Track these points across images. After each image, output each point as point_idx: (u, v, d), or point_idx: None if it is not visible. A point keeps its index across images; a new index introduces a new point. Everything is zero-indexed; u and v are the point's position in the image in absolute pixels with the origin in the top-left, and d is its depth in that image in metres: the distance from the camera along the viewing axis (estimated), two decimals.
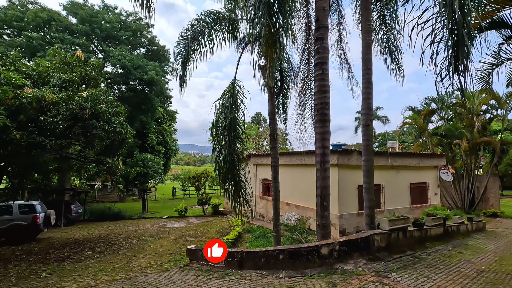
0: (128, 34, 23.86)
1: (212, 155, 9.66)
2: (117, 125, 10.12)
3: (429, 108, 19.43)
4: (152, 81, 21.93)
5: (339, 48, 11.39)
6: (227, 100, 9.49)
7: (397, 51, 10.73)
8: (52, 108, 9.00)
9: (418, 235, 8.09)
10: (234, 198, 9.40)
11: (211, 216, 19.92)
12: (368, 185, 8.50)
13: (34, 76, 9.92)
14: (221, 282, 6.14)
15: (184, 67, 10.58)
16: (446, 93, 15.04)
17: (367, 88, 8.82)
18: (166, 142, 33.95)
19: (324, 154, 7.48)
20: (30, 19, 20.54)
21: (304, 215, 13.76)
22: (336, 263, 5.92)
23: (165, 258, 9.52)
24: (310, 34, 9.74)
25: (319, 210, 7.35)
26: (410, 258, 6.65)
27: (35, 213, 12.40)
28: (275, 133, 10.36)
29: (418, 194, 15.12)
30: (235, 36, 11.17)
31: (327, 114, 7.58)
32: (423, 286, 4.98)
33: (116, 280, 7.17)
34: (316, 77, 7.80)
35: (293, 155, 15.12)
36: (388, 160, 13.68)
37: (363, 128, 8.84)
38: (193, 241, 12.39)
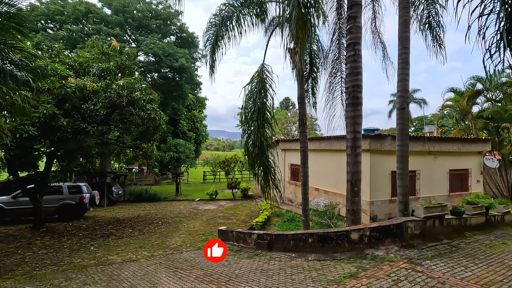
0: (158, 22, 24.41)
1: (241, 141, 9.80)
2: (151, 111, 10.59)
3: (474, 89, 17.83)
4: (183, 68, 22.43)
5: (372, 27, 10.74)
6: (255, 85, 9.46)
7: (439, 27, 9.89)
8: (92, 96, 9.63)
9: (456, 223, 7.69)
10: (263, 182, 9.54)
11: (240, 200, 20.44)
12: (402, 171, 8.17)
13: (76, 67, 10.62)
14: (252, 262, 6.38)
15: (213, 54, 10.64)
16: (495, 72, 13.72)
17: (404, 69, 8.32)
18: (197, 128, 34.95)
19: (356, 139, 7.28)
20: (70, 12, 21.75)
21: (334, 200, 13.63)
22: (366, 249, 5.86)
23: (198, 238, 10.04)
24: (342, 13, 9.27)
25: (349, 195, 7.25)
26: (446, 247, 6.37)
27: (82, 194, 13.60)
28: (304, 118, 10.21)
29: (458, 182, 14.22)
30: (264, 19, 10.97)
31: (359, 97, 7.30)
32: (460, 275, 4.78)
33: (155, 256, 7.75)
34: (347, 58, 7.49)
35: (322, 140, 14.86)
36: (425, 145, 12.94)
37: (398, 112, 8.42)
38: (223, 222, 12.88)
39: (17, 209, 12.57)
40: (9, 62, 4.26)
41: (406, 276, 4.63)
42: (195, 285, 5.14)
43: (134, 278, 5.79)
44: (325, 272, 5.14)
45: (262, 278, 5.23)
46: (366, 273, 4.83)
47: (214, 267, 6.19)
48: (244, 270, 5.80)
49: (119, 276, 5.96)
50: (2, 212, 12.40)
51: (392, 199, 12.25)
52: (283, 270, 5.55)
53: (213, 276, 5.54)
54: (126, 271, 6.29)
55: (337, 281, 4.61)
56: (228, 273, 5.65)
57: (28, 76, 4.75)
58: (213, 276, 5.54)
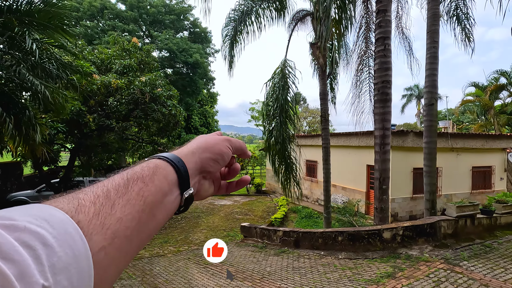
0: (172, 17, 24.39)
1: (263, 136, 9.76)
2: (172, 108, 10.64)
3: (497, 83, 17.25)
4: (197, 63, 22.42)
5: (397, 21, 10.47)
6: (278, 81, 9.38)
7: (467, 19, 9.56)
8: (115, 93, 9.72)
9: (487, 223, 7.51)
10: (284, 179, 9.51)
11: (254, 195, 20.49)
12: (430, 168, 8.02)
13: (98, 63, 10.72)
14: (280, 259, 6.39)
15: (232, 49, 10.56)
16: None
17: (432, 64, 8.11)
18: (208, 123, 35.05)
19: (384, 136, 7.15)
20: (85, 9, 21.93)
21: (352, 197, 13.51)
22: (399, 248, 5.78)
23: (220, 234, 10.11)
24: (369, 6, 9.04)
25: (377, 193, 7.15)
26: (480, 247, 6.23)
27: None
28: (326, 114, 10.09)
29: (480, 179, 13.89)
30: (283, 13, 10.80)
31: (389, 93, 7.15)
32: (502, 277, 4.67)
33: (181, 251, 7.84)
34: (377, 53, 7.31)
35: (340, 136, 14.69)
36: (448, 141, 12.63)
37: (426, 108, 8.24)
38: (242, 218, 12.94)
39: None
40: (49, 60, 4.31)
41: (447, 277, 4.55)
42: (230, 281, 5.18)
43: (167, 273, 5.87)
44: (360, 271, 5.10)
45: (295, 276, 5.23)
46: (404, 273, 4.76)
47: (244, 264, 6.22)
48: (275, 268, 5.81)
49: (152, 271, 6.06)
50: None
51: (413, 197, 12.07)
52: (315, 268, 5.53)
53: (246, 273, 5.57)
54: (157, 266, 6.39)
55: (375, 281, 4.56)
56: (260, 270, 5.67)
57: (64, 73, 4.81)
58: (246, 273, 5.57)
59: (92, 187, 0.36)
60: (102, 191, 0.35)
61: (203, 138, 0.55)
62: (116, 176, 0.39)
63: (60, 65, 4.63)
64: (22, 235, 0.24)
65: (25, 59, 4.03)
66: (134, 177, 0.39)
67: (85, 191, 0.35)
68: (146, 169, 0.41)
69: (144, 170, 0.41)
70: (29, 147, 4.50)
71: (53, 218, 0.27)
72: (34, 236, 0.25)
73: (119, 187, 0.37)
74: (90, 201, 0.33)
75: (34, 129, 4.13)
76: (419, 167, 10.46)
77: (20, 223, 0.25)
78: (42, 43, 4.22)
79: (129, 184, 0.38)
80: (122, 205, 0.35)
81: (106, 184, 0.37)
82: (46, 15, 3.70)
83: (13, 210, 0.27)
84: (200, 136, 0.57)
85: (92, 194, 0.34)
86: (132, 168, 0.41)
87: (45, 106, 4.47)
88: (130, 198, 0.36)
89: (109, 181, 0.38)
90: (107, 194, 0.35)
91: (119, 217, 0.34)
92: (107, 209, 0.34)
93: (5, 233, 0.23)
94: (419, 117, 38.21)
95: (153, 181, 0.41)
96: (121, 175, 0.39)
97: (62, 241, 0.26)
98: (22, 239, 0.24)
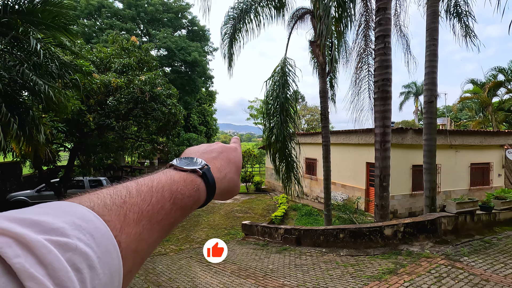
0: (170, 15, 24.29)
1: (263, 135, 9.79)
2: (172, 107, 10.63)
3: (496, 80, 17.35)
4: (195, 62, 22.38)
5: (395, 19, 10.49)
6: (278, 80, 9.40)
7: (467, 16, 9.60)
8: (115, 92, 9.69)
9: (486, 219, 7.59)
10: (285, 177, 9.55)
11: (254, 193, 20.54)
12: (430, 165, 8.07)
13: (97, 62, 10.67)
14: (282, 257, 6.43)
15: (231, 47, 10.55)
16: None
17: (432, 61, 8.14)
18: (207, 122, 35.03)
19: (385, 133, 7.20)
20: (83, 7, 21.79)
21: (352, 194, 13.58)
22: (400, 244, 5.84)
23: (221, 232, 10.15)
24: (368, 4, 9.06)
25: (378, 190, 7.21)
26: (479, 243, 6.30)
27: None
28: (326, 112, 10.12)
29: (478, 175, 13.99)
30: (282, 11, 10.80)
31: (389, 91, 7.19)
32: (502, 272, 4.73)
33: (183, 250, 7.87)
34: (376, 51, 7.34)
35: (340, 134, 14.74)
36: (446, 138, 12.72)
37: (425, 105, 8.28)
38: (242, 216, 12.98)
39: (41, 203, 12.88)
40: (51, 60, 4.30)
41: (448, 273, 4.60)
42: (233, 279, 5.22)
43: (170, 271, 5.90)
44: (362, 268, 5.15)
45: (298, 273, 5.27)
46: (406, 269, 4.82)
47: (247, 261, 6.26)
48: (277, 265, 5.85)
49: (155, 269, 6.09)
50: (27, 206, 12.72)
51: (413, 193, 12.16)
52: (317, 265, 5.58)
53: (248, 270, 5.61)
54: (159, 265, 6.42)
55: (377, 277, 4.61)
56: (263, 268, 5.71)
57: (67, 73, 4.80)
58: (248, 270, 5.61)
59: (140, 198, 0.35)
60: (148, 212, 0.34)
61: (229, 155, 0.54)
62: (158, 194, 0.37)
63: (62, 65, 4.62)
64: (73, 257, 0.25)
65: (28, 59, 4.03)
66: (176, 205, 0.38)
67: (132, 203, 0.34)
68: (188, 196, 0.40)
69: (185, 197, 0.40)
70: (32, 147, 4.51)
71: (97, 232, 0.28)
72: (83, 257, 0.25)
73: (162, 210, 0.36)
74: (135, 221, 0.33)
75: (38, 129, 4.14)
76: (418, 164, 10.54)
77: (72, 242, 0.25)
78: (45, 43, 4.21)
79: (171, 212, 0.37)
80: (158, 232, 0.35)
81: (152, 201, 0.36)
82: (49, 14, 3.70)
83: (62, 214, 0.27)
84: (223, 150, 0.55)
85: (138, 211, 0.33)
86: (173, 187, 0.39)
87: (48, 106, 4.47)
88: (164, 225, 0.36)
89: (155, 197, 0.36)
90: (151, 217, 0.35)
91: (151, 242, 0.34)
92: (145, 234, 0.33)
93: (60, 255, 0.24)
94: (417, 115, 38.37)
95: (191, 209, 0.41)
96: (163, 195, 0.37)
97: (104, 262, 0.27)
98: (73, 261, 0.24)
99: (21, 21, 3.65)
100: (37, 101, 4.32)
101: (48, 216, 0.27)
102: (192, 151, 0.52)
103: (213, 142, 0.59)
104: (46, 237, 0.24)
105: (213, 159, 0.50)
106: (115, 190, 0.34)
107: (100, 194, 0.33)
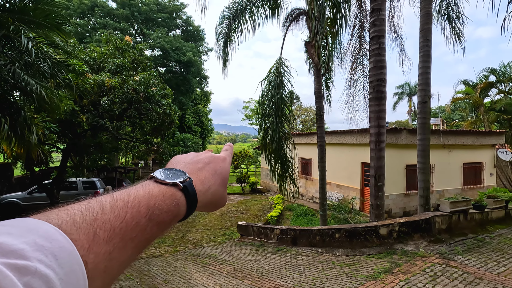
0: (164, 15, 24.14)
1: (259, 136, 9.78)
2: (167, 107, 10.55)
3: (487, 81, 17.61)
4: (190, 62, 22.27)
5: (389, 19, 10.58)
6: (273, 80, 9.40)
7: (458, 18, 9.74)
8: (109, 92, 9.58)
9: (479, 218, 7.70)
10: (280, 177, 9.55)
11: (249, 194, 20.51)
12: (424, 165, 8.16)
13: (91, 62, 10.54)
14: (278, 257, 6.42)
15: (226, 47, 10.53)
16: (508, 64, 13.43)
17: (425, 62, 8.23)
18: (202, 122, 34.89)
19: (380, 133, 7.25)
20: (76, 6, 21.52)
21: (347, 194, 13.65)
22: (395, 244, 5.88)
23: (217, 233, 10.10)
24: (363, 5, 9.12)
25: (373, 190, 7.25)
26: (473, 241, 6.38)
27: (96, 189, 13.68)
28: (321, 112, 10.16)
29: (471, 175, 14.19)
30: (276, 11, 10.80)
31: (384, 91, 7.25)
32: (495, 270, 4.79)
33: (178, 251, 7.81)
34: (371, 52, 7.40)
35: (335, 134, 14.80)
36: (440, 138, 12.87)
37: (419, 105, 8.37)
38: (238, 217, 12.94)
39: (33, 205, 12.67)
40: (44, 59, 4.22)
41: (443, 272, 4.65)
42: (229, 280, 5.19)
43: (165, 273, 5.84)
44: (358, 268, 5.17)
45: (294, 273, 5.27)
46: (401, 269, 4.85)
47: (243, 262, 6.23)
48: (273, 265, 5.84)
49: (150, 271, 6.02)
50: (19, 208, 12.51)
51: (407, 193, 12.27)
52: (313, 265, 5.58)
53: (245, 271, 5.58)
54: (155, 267, 6.35)
55: (373, 277, 4.63)
56: (259, 269, 5.69)
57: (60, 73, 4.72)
58: (245, 271, 5.58)
59: (113, 215, 0.33)
60: (121, 229, 0.33)
61: (215, 166, 0.52)
62: (133, 210, 0.35)
63: (54, 64, 4.54)
64: (32, 281, 0.23)
65: (19, 58, 3.95)
66: (153, 221, 0.36)
67: (104, 220, 0.32)
68: (166, 212, 0.38)
69: (163, 212, 0.38)
70: (24, 148, 4.42)
71: (62, 252, 0.26)
72: (42, 281, 0.24)
73: (137, 227, 0.34)
74: (105, 239, 0.31)
75: (29, 130, 4.05)
76: (413, 164, 10.64)
77: (31, 265, 0.24)
78: (36, 42, 4.13)
79: (147, 228, 0.35)
80: (132, 249, 0.34)
81: (126, 218, 0.34)
82: (41, 13, 3.63)
83: (25, 234, 0.26)
84: (210, 161, 0.52)
85: (110, 229, 0.32)
86: (151, 202, 0.37)
87: (40, 106, 4.38)
88: (139, 242, 0.35)
89: (130, 213, 0.34)
90: (124, 234, 0.33)
91: (123, 261, 0.33)
92: (116, 253, 0.31)
93: (16, 280, 0.22)
94: (410, 115, 38.78)
95: (169, 224, 0.39)
96: (139, 210, 0.35)
97: (67, 283, 0.25)
98: (31, 285, 0.23)
99: (12, 20, 3.58)
100: (29, 101, 4.25)
101: (9, 236, 0.25)
102: (177, 161, 0.51)
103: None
104: (3, 261, 0.23)
105: (198, 171, 0.48)
106: (87, 206, 0.33)
107: (70, 210, 0.32)
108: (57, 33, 4.10)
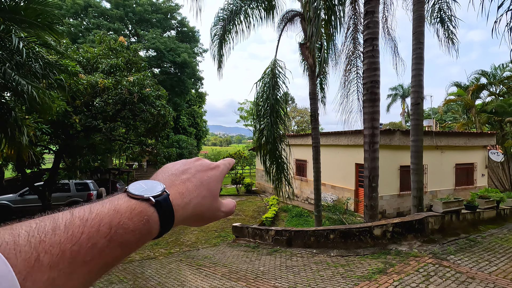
0: (159, 16, 24.05)
1: (254, 137, 9.78)
2: (161, 108, 10.49)
3: (479, 83, 17.91)
4: (185, 63, 22.20)
5: (383, 22, 10.70)
6: (268, 81, 9.41)
7: (450, 20, 9.90)
8: (102, 93, 9.49)
9: (471, 218, 7.80)
10: (276, 179, 9.55)
11: (244, 195, 20.48)
12: (417, 166, 8.24)
13: (84, 63, 10.43)
14: (273, 258, 6.42)
15: (220, 48, 10.52)
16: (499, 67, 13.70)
17: (418, 64, 8.33)
18: (197, 124, 34.77)
19: (374, 135, 7.30)
20: (69, 6, 21.31)
21: (341, 195, 13.72)
22: (389, 244, 5.92)
23: (211, 234, 10.06)
24: (357, 7, 9.20)
25: (367, 191, 7.30)
26: (465, 241, 6.46)
27: (89, 191, 13.52)
28: (316, 113, 10.20)
29: (463, 175, 14.39)
30: (272, 13, 10.83)
31: (377, 93, 7.31)
32: (487, 269, 4.86)
33: (172, 253, 7.75)
34: (365, 54, 7.46)
35: (329, 136, 14.88)
36: (432, 139, 13.03)
37: (412, 107, 8.46)
38: (233, 218, 12.90)
39: (25, 207, 12.46)
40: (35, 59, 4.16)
41: (436, 272, 4.69)
42: (224, 282, 5.16)
43: (159, 276, 5.79)
44: (352, 268, 5.19)
45: (289, 274, 5.27)
46: (395, 269, 4.88)
47: (237, 264, 6.21)
48: (268, 267, 5.83)
49: (143, 274, 5.96)
50: (10, 211, 12.29)
51: (401, 194, 12.38)
52: (308, 267, 5.59)
53: (239, 273, 5.56)
54: (148, 269, 6.29)
55: (367, 277, 4.65)
56: (253, 270, 5.68)
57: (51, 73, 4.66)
58: (239, 273, 5.56)
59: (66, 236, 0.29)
60: (72, 252, 0.29)
61: (203, 176, 0.47)
62: (92, 229, 0.31)
63: (46, 64, 4.48)
64: None
65: (10, 58, 3.88)
66: (115, 242, 0.32)
67: (53, 241, 0.28)
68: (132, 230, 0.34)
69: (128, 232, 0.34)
70: (15, 149, 4.33)
71: None
72: None
73: (94, 249, 0.31)
74: (50, 265, 0.27)
75: (20, 131, 3.98)
76: (406, 165, 10.74)
77: None
78: (28, 42, 4.07)
79: (106, 250, 0.32)
80: (84, 274, 0.30)
81: (81, 238, 0.30)
82: (33, 12, 3.58)
83: None
84: (199, 170, 0.48)
85: (57, 253, 0.28)
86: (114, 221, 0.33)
87: (31, 107, 4.32)
88: (95, 265, 0.31)
89: (87, 233, 0.31)
90: (74, 258, 0.29)
91: (72, 286, 0.29)
92: (61, 280, 0.28)
93: None
94: (403, 116, 39.19)
95: (137, 244, 0.36)
96: (99, 230, 0.32)
97: None
98: None
99: (2, 19, 3.53)
100: (20, 101, 4.18)
101: None
102: (162, 171, 0.47)
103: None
104: None
105: (180, 183, 0.44)
106: (38, 225, 0.29)
107: (16, 229, 0.28)
108: (49, 33, 4.05)
